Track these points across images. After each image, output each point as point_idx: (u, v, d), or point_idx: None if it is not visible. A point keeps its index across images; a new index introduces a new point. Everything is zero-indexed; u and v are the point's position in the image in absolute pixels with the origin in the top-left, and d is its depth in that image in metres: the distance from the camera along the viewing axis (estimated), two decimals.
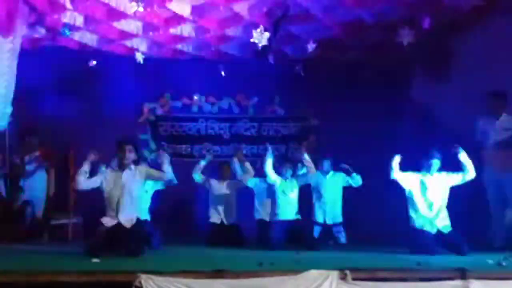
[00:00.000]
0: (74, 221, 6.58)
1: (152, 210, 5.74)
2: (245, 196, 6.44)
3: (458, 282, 3.49)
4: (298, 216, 5.71)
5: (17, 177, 6.55)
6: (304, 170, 5.97)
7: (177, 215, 7.01)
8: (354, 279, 3.48)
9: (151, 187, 5.63)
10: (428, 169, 5.07)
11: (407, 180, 5.10)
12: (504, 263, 3.90)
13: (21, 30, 5.58)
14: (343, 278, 3.46)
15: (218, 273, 3.48)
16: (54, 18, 5.88)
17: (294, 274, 3.49)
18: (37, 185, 6.65)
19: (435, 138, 6.27)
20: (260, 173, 6.08)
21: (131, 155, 4.65)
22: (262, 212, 6.26)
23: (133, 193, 4.63)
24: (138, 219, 4.72)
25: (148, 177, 4.80)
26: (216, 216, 6.21)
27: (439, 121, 6.68)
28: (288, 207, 5.66)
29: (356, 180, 6.25)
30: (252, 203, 6.45)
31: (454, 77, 6.62)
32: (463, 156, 5.01)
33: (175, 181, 5.53)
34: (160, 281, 3.31)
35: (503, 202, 5.47)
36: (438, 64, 6.86)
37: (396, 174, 5.06)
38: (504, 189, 5.36)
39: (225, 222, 6.19)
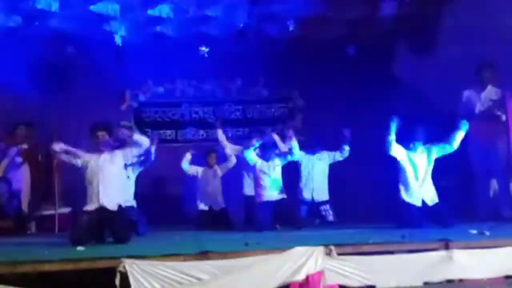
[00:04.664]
0: (60, 211, 6.51)
1: (137, 195, 5.69)
2: (234, 175, 6.40)
3: (442, 253, 3.52)
4: (284, 195, 5.67)
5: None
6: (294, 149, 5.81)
7: (163, 200, 6.97)
8: (339, 254, 3.49)
9: (132, 171, 5.56)
10: (413, 149, 5.08)
11: (401, 155, 5.09)
12: (487, 233, 3.94)
13: None
14: (329, 253, 3.46)
15: (203, 255, 3.45)
16: (29, 4, 5.74)
17: (280, 252, 3.48)
18: (22, 177, 6.56)
19: (422, 112, 6.26)
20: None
21: (104, 141, 4.58)
22: (252, 188, 6.17)
23: (113, 177, 4.58)
24: (121, 205, 4.66)
25: (125, 157, 4.72)
26: (204, 203, 6.23)
27: (425, 94, 6.67)
28: (271, 186, 5.62)
29: (345, 152, 6.22)
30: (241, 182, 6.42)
31: (439, 49, 6.59)
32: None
33: (151, 158, 5.47)
34: (144, 265, 3.28)
35: (487, 173, 5.51)
36: (422, 37, 6.82)
37: (395, 150, 5.01)
38: (489, 159, 5.39)
39: (214, 208, 6.20)
